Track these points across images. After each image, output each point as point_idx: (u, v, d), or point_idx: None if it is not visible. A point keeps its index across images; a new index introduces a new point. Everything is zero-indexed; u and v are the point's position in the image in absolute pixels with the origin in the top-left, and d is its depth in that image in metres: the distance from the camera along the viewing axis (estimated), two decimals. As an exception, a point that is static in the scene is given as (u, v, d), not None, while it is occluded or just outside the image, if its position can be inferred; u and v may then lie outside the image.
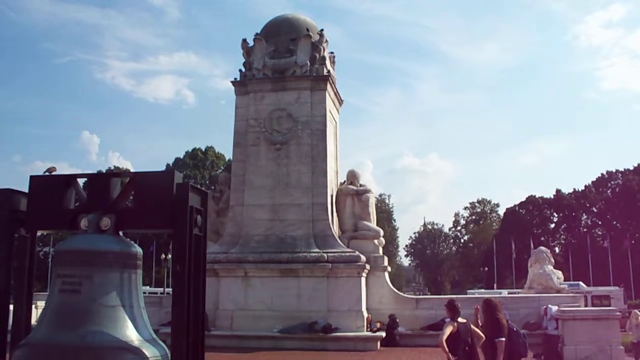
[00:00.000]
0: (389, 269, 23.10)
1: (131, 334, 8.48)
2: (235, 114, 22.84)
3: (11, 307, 9.67)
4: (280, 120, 22.04)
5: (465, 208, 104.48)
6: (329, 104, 22.79)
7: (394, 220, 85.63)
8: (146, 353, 8.40)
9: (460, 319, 8.13)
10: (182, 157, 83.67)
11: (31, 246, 9.82)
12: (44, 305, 10.07)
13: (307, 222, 21.13)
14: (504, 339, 8.34)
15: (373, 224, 22.83)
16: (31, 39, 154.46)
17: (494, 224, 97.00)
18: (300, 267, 20.19)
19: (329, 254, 20.28)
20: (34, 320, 10.04)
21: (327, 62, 23.18)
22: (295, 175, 21.58)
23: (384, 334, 19.63)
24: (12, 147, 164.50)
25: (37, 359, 8.62)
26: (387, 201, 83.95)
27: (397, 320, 20.26)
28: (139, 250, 9.24)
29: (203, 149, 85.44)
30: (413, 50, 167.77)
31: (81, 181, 9.89)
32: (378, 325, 20.21)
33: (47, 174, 11.10)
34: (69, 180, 9.72)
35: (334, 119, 23.93)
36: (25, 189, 9.74)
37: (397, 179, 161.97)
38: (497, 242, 75.17)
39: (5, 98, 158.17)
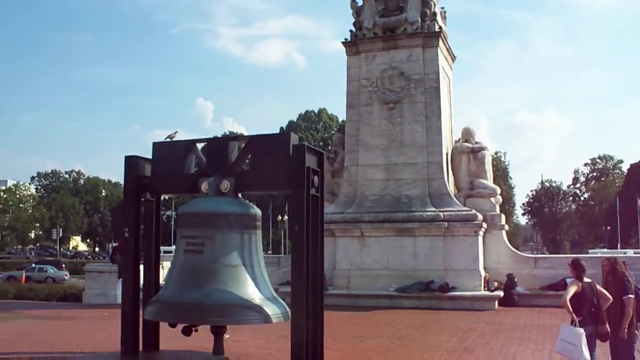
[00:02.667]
0: (506, 227, 22.56)
1: (252, 292, 8.79)
2: (347, 75, 22.78)
3: (141, 267, 10.23)
4: (392, 79, 21.79)
5: (585, 164, 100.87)
6: (442, 61, 22.29)
7: (510, 178, 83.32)
8: (267, 310, 8.70)
9: (585, 279, 7.83)
10: (295, 119, 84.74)
11: (156, 209, 10.33)
12: (169, 265, 10.60)
13: (423, 181, 20.94)
14: (632, 296, 7.97)
15: (489, 181, 22.32)
16: (145, 12, 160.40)
17: (617, 180, 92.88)
18: (416, 227, 20.09)
19: (445, 213, 20.05)
20: (161, 280, 10.57)
21: (438, 17, 22.61)
22: (409, 134, 21.36)
23: (501, 294, 19.28)
24: (133, 117, 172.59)
25: (167, 315, 9.12)
26: (502, 159, 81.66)
27: (515, 280, 19.81)
28: (258, 211, 9.52)
29: (316, 111, 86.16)
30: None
31: (200, 146, 10.26)
32: (496, 284, 19.87)
33: (168, 139, 11.54)
34: (189, 145, 10.11)
35: (447, 75, 23.42)
36: (146, 156, 10.22)
37: (512, 135, 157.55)
38: (621, 199, 72.00)
39: (123, 71, 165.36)
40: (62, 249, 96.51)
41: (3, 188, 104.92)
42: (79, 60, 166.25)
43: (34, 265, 49.71)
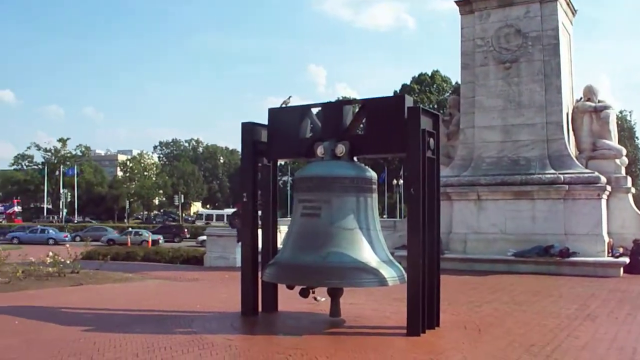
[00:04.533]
0: (633, 190, 21.44)
1: (369, 255, 8.85)
2: (461, 35, 22.21)
3: (259, 231, 10.51)
4: (508, 37, 21.05)
5: None
6: (561, 16, 21.26)
7: (637, 138, 79.01)
8: (383, 273, 8.75)
9: None
10: (408, 83, 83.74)
11: (273, 174, 10.55)
12: (285, 229, 10.82)
13: (541, 142, 20.22)
14: None
15: (614, 142, 21.25)
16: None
17: None
18: (534, 189, 19.50)
19: (566, 175, 19.32)
20: (279, 243, 10.82)
21: (557, -31, 21.53)
22: (527, 94, 20.63)
23: (627, 260, 18.42)
24: (244, 85, 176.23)
25: (284, 277, 9.35)
26: (628, 118, 77.47)
27: (643, 246, 18.89)
28: (373, 174, 9.53)
29: (429, 74, 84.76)
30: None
31: (315, 111, 10.34)
32: (621, 250, 19.01)
33: (283, 105, 11.68)
34: (304, 110, 10.21)
35: (567, 31, 22.34)
36: (261, 122, 10.41)
37: (638, 94, 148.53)
38: None
39: (233, 41, 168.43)
40: (183, 215, 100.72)
41: (129, 157, 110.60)
42: (191, 30, 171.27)
43: (130, 229, 52.80)
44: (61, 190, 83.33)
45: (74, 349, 7.54)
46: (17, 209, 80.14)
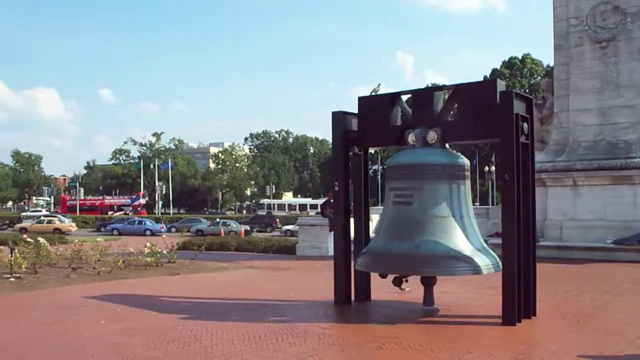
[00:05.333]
0: None
1: (462, 243, 8.72)
2: (553, 15, 21.44)
3: (351, 220, 10.53)
4: (605, 14, 20.16)
5: None
6: (664, -11, 20.20)
7: None
8: (477, 261, 8.60)
9: None
10: (498, 67, 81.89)
11: (364, 162, 10.53)
12: (376, 218, 10.78)
13: (642, 124, 19.35)
14: None
15: None
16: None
17: None
18: (635, 174, 18.66)
19: (669, 158, 18.43)
20: (371, 232, 10.80)
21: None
22: (627, 74, 19.72)
23: None
24: (327, 75, 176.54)
25: (377, 266, 9.34)
26: None
27: None
28: (465, 161, 9.37)
29: (519, 58, 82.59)
30: None
31: (404, 98, 10.25)
32: None
33: (373, 93, 11.63)
34: (394, 98, 10.14)
35: (669, 6, 21.21)
36: (350, 111, 10.39)
37: None
38: None
39: (315, 30, 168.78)
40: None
41: (220, 149, 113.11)
42: (273, 19, 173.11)
43: (218, 220, 54.09)
44: (156, 183, 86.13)
45: (173, 336, 7.78)
46: (142, 201, 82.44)
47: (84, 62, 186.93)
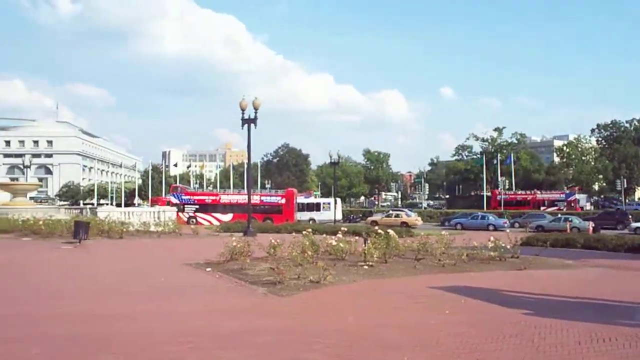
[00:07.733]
0: None
1: None
2: None
3: None
4: None
5: None
6: None
7: None
8: None
9: None
10: None
11: None
12: None
13: None
14: None
15: None
16: None
17: None
18: None
19: None
20: None
21: None
22: None
23: None
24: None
25: None
26: None
27: None
28: None
29: None
30: None
31: None
32: None
33: None
34: None
35: None
36: None
37: None
38: None
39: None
40: (626, 200, 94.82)
41: (565, 142, 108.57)
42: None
43: (560, 215, 50.96)
44: (499, 178, 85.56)
45: (515, 330, 7.82)
46: (577, 196, 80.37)
47: (424, 63, 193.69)
